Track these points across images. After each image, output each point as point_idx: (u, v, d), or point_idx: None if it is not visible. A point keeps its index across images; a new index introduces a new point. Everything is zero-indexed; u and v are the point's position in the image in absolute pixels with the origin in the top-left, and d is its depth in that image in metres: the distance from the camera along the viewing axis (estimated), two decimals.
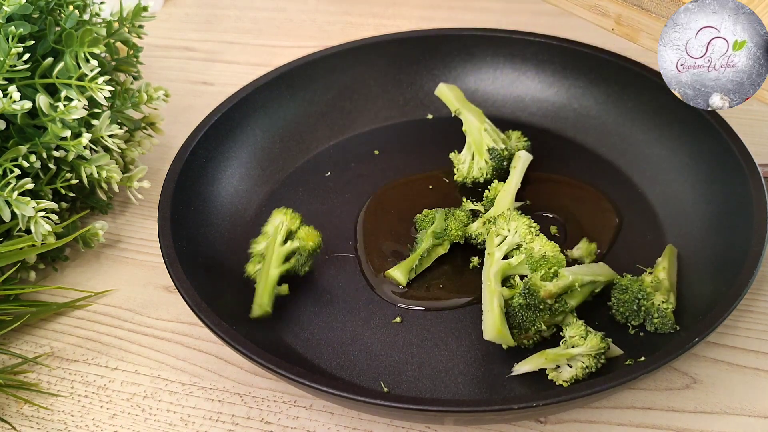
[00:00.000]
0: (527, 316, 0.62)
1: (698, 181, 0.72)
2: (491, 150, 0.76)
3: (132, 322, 0.73)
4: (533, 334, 0.62)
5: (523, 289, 0.62)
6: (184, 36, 1.11)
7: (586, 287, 0.65)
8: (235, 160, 0.79)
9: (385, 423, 0.63)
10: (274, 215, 0.70)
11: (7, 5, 0.68)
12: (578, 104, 0.82)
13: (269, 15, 1.14)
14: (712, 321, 0.57)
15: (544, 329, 0.63)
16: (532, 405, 0.53)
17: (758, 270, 0.60)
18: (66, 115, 0.68)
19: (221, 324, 0.60)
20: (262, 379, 0.67)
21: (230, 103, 0.79)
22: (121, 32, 0.80)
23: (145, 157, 0.88)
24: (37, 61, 0.71)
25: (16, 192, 0.66)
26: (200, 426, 0.64)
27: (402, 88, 0.86)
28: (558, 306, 0.62)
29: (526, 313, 0.62)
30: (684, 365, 0.65)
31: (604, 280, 0.66)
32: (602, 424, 0.62)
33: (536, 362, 0.61)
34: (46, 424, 0.65)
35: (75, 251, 0.80)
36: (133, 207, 0.85)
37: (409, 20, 1.09)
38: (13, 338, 0.72)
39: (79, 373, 0.69)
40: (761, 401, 0.62)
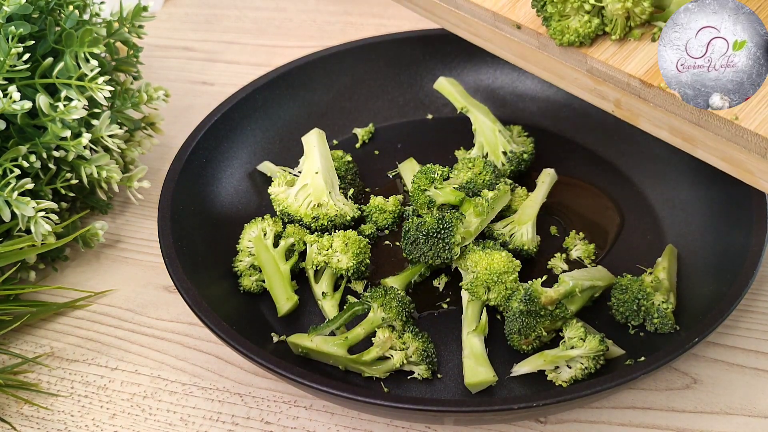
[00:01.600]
0: (527, 322, 0.61)
1: (698, 181, 0.72)
2: (510, 153, 0.75)
3: (132, 322, 0.73)
4: (533, 339, 0.62)
5: (524, 296, 0.62)
6: (184, 36, 1.11)
7: (586, 292, 0.65)
8: (235, 160, 0.79)
9: (385, 423, 0.63)
10: (246, 229, 0.72)
11: (7, 5, 0.68)
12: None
13: (269, 15, 1.14)
14: (712, 321, 0.57)
15: (544, 335, 0.63)
16: (532, 405, 0.53)
17: (758, 270, 0.60)
18: (66, 115, 0.68)
19: (221, 324, 0.60)
20: (262, 379, 0.67)
21: (230, 103, 0.79)
22: (121, 32, 0.80)
23: (145, 157, 0.88)
24: (37, 61, 0.71)
25: (16, 192, 0.66)
26: (200, 426, 0.64)
27: (402, 88, 0.86)
28: (558, 312, 0.62)
29: (527, 319, 0.61)
30: (684, 365, 0.65)
31: (603, 284, 0.66)
32: (602, 424, 0.62)
33: (535, 363, 0.61)
34: (46, 424, 0.65)
35: (75, 251, 0.80)
36: (133, 207, 0.85)
37: (409, 20, 1.08)
38: (13, 338, 0.72)
39: (79, 373, 0.69)
40: (761, 401, 0.62)
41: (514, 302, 0.63)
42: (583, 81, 0.64)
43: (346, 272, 0.68)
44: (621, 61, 0.61)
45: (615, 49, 0.61)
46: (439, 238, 0.64)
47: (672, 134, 0.61)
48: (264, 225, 0.71)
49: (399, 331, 0.64)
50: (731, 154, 0.58)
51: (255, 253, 0.70)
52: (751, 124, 0.55)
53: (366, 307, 0.65)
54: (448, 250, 0.64)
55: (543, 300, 0.61)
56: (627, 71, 0.60)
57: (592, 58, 0.61)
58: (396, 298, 0.64)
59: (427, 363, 0.62)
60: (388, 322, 0.64)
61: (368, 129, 0.84)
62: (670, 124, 0.61)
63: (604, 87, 0.63)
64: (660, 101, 0.59)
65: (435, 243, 0.64)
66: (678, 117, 0.59)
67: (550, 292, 0.62)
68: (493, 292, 0.64)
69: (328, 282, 0.69)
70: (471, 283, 0.64)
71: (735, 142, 0.57)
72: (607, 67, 0.61)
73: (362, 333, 0.64)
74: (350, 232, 0.68)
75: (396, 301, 0.64)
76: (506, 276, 0.64)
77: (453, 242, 0.64)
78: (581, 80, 0.64)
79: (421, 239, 0.65)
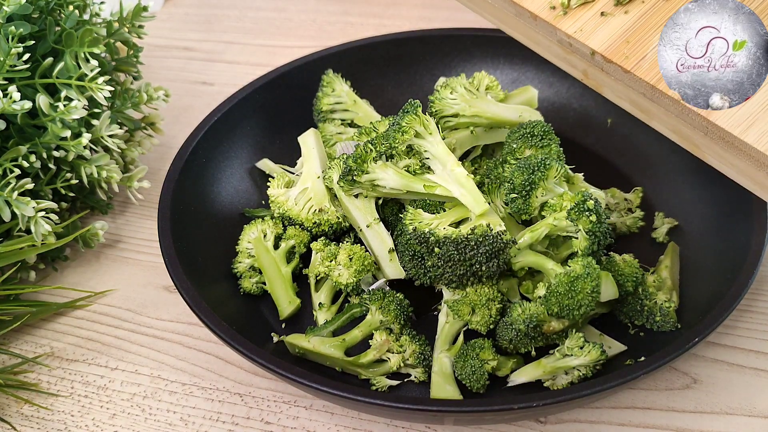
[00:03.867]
0: (523, 341, 0.61)
1: (698, 181, 0.72)
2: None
3: (132, 322, 0.73)
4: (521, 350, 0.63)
5: (527, 320, 0.60)
6: (184, 36, 1.11)
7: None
8: (235, 160, 0.79)
9: (385, 423, 0.63)
10: (246, 231, 0.71)
11: (7, 5, 0.68)
12: (578, 104, 0.82)
13: (269, 15, 1.14)
14: (712, 321, 0.57)
15: (533, 353, 0.62)
16: (532, 405, 0.53)
17: (758, 270, 0.60)
18: (66, 115, 0.68)
19: (221, 324, 0.60)
20: (262, 379, 0.67)
21: (230, 103, 0.79)
22: (121, 32, 0.80)
23: (145, 157, 0.88)
24: (37, 61, 0.71)
25: (16, 192, 0.66)
26: (200, 426, 0.64)
27: (402, 88, 0.86)
28: (555, 336, 0.62)
29: (524, 339, 0.61)
30: (684, 365, 0.65)
31: (604, 310, 0.65)
32: (602, 424, 0.62)
33: (533, 373, 0.61)
34: (46, 424, 0.65)
35: (75, 251, 0.80)
36: (133, 207, 0.85)
37: (409, 20, 1.09)
38: (13, 338, 0.72)
39: (79, 373, 0.69)
40: (761, 401, 0.62)
41: (515, 312, 0.61)
42: (555, 50, 0.66)
43: (345, 287, 0.67)
44: (587, 35, 0.62)
45: (584, 22, 0.63)
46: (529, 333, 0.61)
47: (632, 105, 0.64)
48: (264, 226, 0.71)
49: (397, 333, 0.64)
50: (681, 128, 0.61)
51: (255, 255, 0.70)
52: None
53: (364, 309, 0.65)
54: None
55: (545, 328, 0.61)
56: (590, 45, 0.61)
57: (560, 30, 0.63)
58: (394, 301, 0.64)
59: (423, 366, 0.62)
60: (386, 325, 0.64)
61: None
62: (629, 96, 0.63)
63: (572, 57, 0.64)
64: (619, 76, 0.61)
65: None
66: (635, 91, 0.61)
67: (555, 324, 0.61)
68: (477, 316, 0.63)
69: (326, 293, 0.68)
70: (456, 302, 0.63)
71: (682, 119, 0.59)
72: (573, 40, 0.63)
73: (360, 335, 0.64)
74: (356, 247, 0.66)
75: (394, 304, 0.64)
76: (492, 303, 0.63)
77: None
78: (553, 48, 0.66)
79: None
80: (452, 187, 0.63)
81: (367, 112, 0.80)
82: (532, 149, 0.68)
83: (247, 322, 0.66)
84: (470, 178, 0.63)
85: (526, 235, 0.62)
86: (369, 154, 0.64)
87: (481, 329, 0.63)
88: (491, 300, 0.62)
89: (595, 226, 0.60)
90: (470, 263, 0.60)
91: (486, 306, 0.62)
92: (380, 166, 0.64)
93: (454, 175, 0.63)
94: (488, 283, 0.63)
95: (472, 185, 0.63)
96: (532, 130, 0.68)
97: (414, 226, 0.62)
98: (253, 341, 0.59)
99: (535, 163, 0.63)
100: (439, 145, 0.64)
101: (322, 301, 0.68)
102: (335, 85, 0.80)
